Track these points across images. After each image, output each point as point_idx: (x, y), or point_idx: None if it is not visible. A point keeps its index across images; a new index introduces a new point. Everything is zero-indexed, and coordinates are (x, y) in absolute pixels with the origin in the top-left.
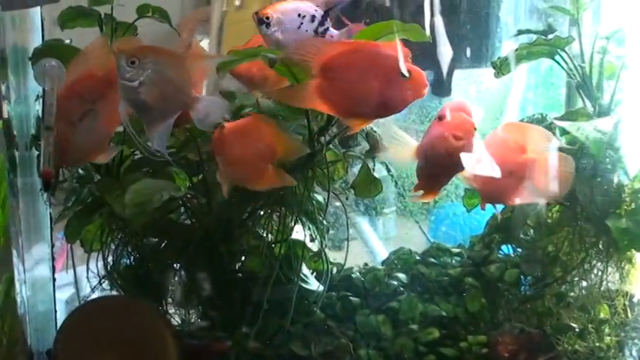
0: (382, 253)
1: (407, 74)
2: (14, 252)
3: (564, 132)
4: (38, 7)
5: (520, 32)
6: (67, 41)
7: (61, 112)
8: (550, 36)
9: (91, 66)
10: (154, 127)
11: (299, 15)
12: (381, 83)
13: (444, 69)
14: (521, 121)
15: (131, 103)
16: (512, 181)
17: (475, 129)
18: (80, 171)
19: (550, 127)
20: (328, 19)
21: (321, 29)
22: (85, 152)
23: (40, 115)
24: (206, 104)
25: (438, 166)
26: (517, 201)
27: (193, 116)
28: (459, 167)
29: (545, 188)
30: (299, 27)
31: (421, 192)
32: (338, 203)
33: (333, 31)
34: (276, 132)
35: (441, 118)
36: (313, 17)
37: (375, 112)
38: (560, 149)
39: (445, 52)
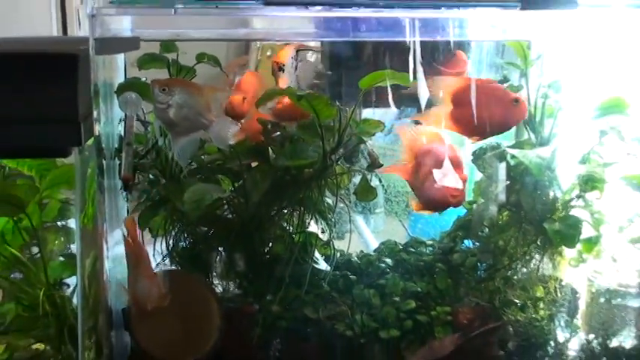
0: (374, 243)
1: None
2: (100, 235)
3: (513, 157)
4: (122, 53)
5: None
6: (143, 79)
7: None
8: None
9: None
10: (177, 140)
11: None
12: (500, 109)
13: (423, 105)
14: (481, 148)
15: (162, 120)
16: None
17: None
18: (150, 176)
19: (503, 153)
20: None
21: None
22: None
23: (122, 134)
24: (220, 125)
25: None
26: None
27: (210, 134)
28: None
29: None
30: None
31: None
32: (342, 205)
33: None
34: None
35: None
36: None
37: (494, 132)
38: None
39: (424, 93)
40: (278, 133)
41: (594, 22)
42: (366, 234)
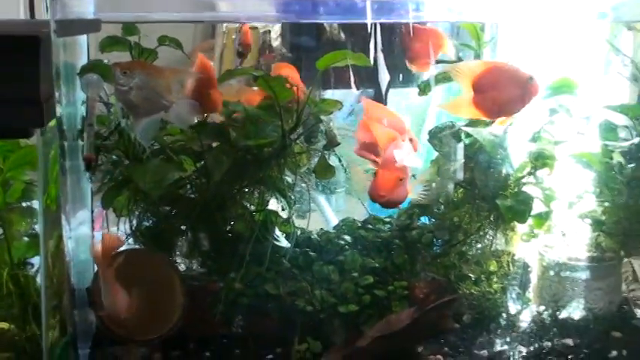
0: (334, 221)
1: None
2: (63, 216)
3: (468, 135)
4: (85, 35)
5: (438, 62)
6: (105, 61)
7: None
8: None
9: None
10: (139, 122)
11: None
12: (518, 88)
13: (383, 89)
14: (437, 127)
15: (123, 102)
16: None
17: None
18: (113, 157)
19: (458, 132)
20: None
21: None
22: None
23: (85, 115)
24: (180, 106)
25: None
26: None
27: (170, 115)
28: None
29: None
30: None
31: None
32: (303, 184)
33: None
34: None
35: None
36: None
37: (515, 111)
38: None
39: (384, 77)
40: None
41: (544, 5)
42: (327, 212)
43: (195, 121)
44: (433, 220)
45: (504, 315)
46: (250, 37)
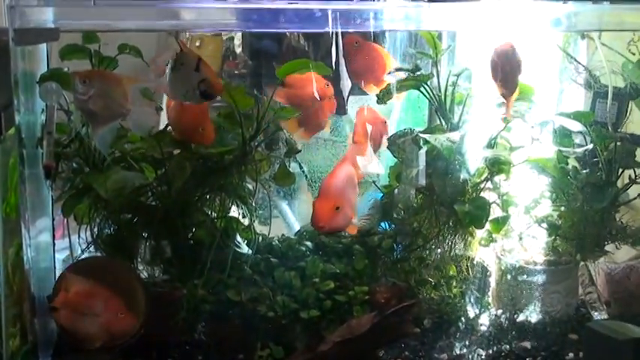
0: (296, 226)
1: None
2: (22, 224)
3: (426, 142)
4: (45, 43)
5: (397, 70)
6: (66, 69)
7: None
8: (417, 73)
9: None
10: (98, 129)
11: None
12: None
13: (345, 95)
14: (396, 134)
15: (82, 110)
16: None
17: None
18: (74, 165)
19: (416, 138)
20: None
21: None
22: None
23: (44, 122)
24: (138, 114)
25: None
26: None
27: (130, 123)
28: None
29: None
30: None
31: None
32: (264, 191)
33: None
34: None
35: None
36: None
37: None
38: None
39: (346, 83)
40: None
41: (500, 13)
42: (289, 218)
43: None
44: (393, 226)
45: (464, 319)
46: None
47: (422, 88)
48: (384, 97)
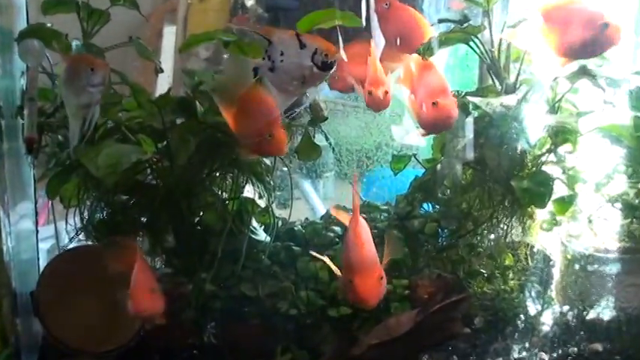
0: (321, 210)
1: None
2: (1, 208)
3: (476, 107)
4: None
5: (440, 21)
6: (49, 25)
7: None
8: (465, 25)
9: None
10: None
11: None
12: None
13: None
14: None
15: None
16: None
17: None
18: (59, 137)
19: (465, 103)
20: None
21: None
22: None
23: (25, 88)
24: None
25: None
26: None
27: None
28: None
29: None
30: None
31: None
32: (285, 168)
33: None
34: None
35: None
36: None
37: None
38: None
39: (378, 41)
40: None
41: None
42: (313, 200)
43: None
44: (437, 208)
45: (522, 317)
46: None
47: (471, 43)
48: (424, 53)
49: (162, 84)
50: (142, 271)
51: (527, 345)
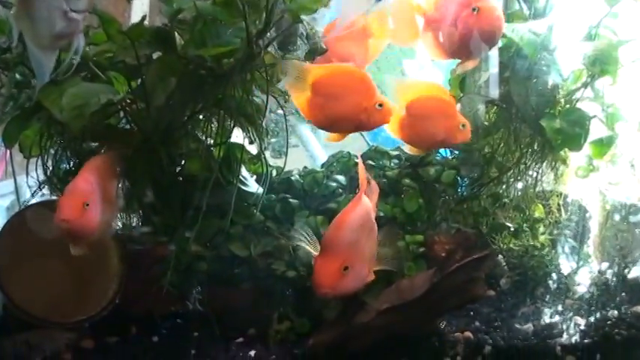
0: (322, 157)
1: None
2: None
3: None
4: None
5: None
6: None
7: None
8: None
9: None
10: None
11: None
12: None
13: None
14: None
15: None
16: None
17: None
18: (17, 76)
19: None
20: None
21: None
22: None
23: None
24: None
25: None
26: None
27: None
28: None
29: None
30: None
31: None
32: (280, 111)
33: None
34: None
35: None
36: None
37: None
38: None
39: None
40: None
41: None
42: (312, 146)
43: None
44: (456, 153)
45: (555, 276)
46: None
47: None
48: None
49: (137, 12)
50: (83, 179)
51: (559, 308)
